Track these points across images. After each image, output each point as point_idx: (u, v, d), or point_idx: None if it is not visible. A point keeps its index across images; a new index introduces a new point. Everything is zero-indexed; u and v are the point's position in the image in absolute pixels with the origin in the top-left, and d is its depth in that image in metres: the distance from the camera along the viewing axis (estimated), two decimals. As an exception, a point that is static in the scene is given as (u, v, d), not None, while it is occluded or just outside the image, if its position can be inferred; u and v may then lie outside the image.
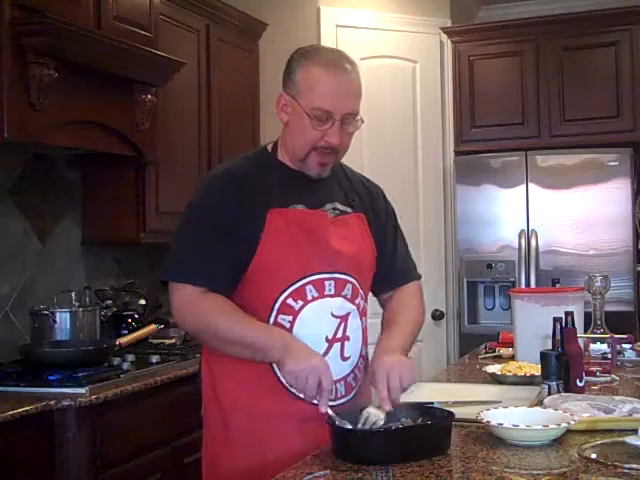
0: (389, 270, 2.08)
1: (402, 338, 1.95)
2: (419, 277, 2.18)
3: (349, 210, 1.99)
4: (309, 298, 1.86)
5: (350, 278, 1.93)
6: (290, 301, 1.85)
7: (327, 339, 1.88)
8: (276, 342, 1.79)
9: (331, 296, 1.89)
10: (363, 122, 1.91)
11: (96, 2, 3.02)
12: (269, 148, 1.99)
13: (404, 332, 1.98)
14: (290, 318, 1.85)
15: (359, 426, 1.70)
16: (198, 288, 1.82)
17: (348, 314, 1.92)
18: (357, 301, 1.95)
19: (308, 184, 1.92)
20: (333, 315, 1.89)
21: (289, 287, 1.85)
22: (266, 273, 1.84)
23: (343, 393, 1.91)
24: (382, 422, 1.70)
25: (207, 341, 1.89)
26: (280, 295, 1.85)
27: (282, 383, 1.84)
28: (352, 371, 1.93)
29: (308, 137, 1.85)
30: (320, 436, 1.71)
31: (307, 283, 1.86)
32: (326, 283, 1.88)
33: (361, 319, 1.97)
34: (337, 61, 1.87)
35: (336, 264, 1.89)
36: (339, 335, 1.90)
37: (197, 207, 1.90)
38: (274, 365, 1.83)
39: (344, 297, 1.91)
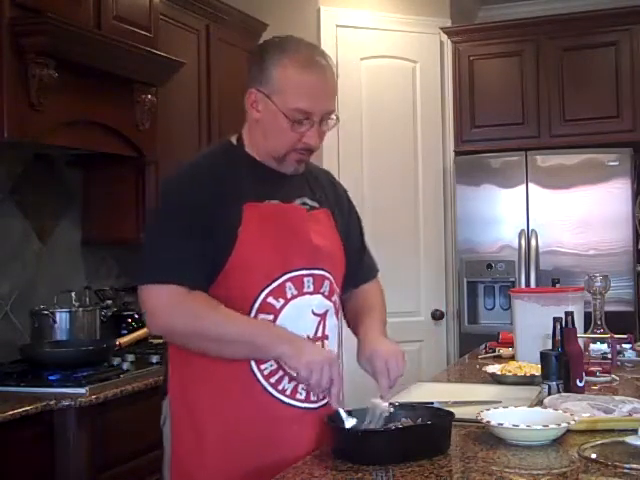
0: (358, 266, 2.04)
1: (383, 325, 1.96)
2: (378, 271, 2.14)
3: (316, 205, 1.92)
4: (289, 296, 1.79)
5: (327, 274, 1.87)
6: (271, 299, 1.77)
7: (308, 338, 1.81)
8: (280, 337, 1.73)
9: (310, 293, 1.82)
10: (339, 120, 1.85)
11: (96, 2, 3.02)
12: (233, 141, 1.90)
13: (383, 320, 1.99)
14: (271, 317, 1.77)
15: (367, 419, 1.70)
16: (181, 287, 1.72)
17: (327, 312, 1.86)
18: (333, 298, 1.90)
19: (279, 179, 1.85)
20: (314, 313, 1.83)
21: (269, 285, 1.77)
22: (245, 270, 1.75)
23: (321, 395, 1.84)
24: (388, 413, 1.71)
25: (196, 343, 1.74)
26: (260, 293, 1.76)
27: (264, 387, 1.76)
28: None
29: (286, 139, 1.79)
30: (308, 441, 1.71)
31: (287, 280, 1.78)
32: (305, 280, 1.81)
33: (337, 317, 1.92)
34: (313, 58, 1.79)
35: (315, 260, 1.84)
36: (319, 334, 1.84)
37: (171, 203, 1.80)
38: (254, 368, 1.75)
39: (322, 294, 1.85)
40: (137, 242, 3.44)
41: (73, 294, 3.19)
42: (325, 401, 1.82)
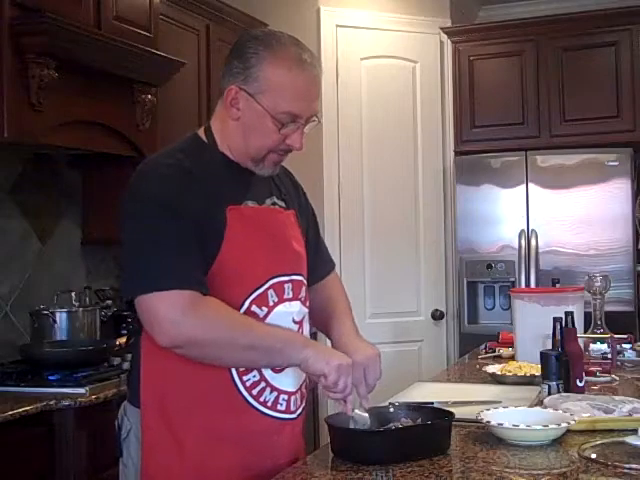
0: (319, 261, 1.98)
1: (350, 321, 1.92)
2: (334, 264, 2.09)
3: (284, 205, 1.84)
4: (271, 304, 1.71)
5: (304, 279, 1.82)
6: (254, 308, 1.69)
7: None
8: (299, 341, 1.68)
9: (290, 300, 1.76)
10: (320, 122, 1.76)
11: (96, 2, 3.01)
12: (202, 137, 1.77)
13: (349, 315, 1.94)
14: None
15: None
16: (194, 292, 1.60)
17: (303, 318, 1.81)
18: (307, 303, 1.84)
19: (251, 178, 1.77)
20: (294, 321, 1.77)
21: (253, 292, 1.69)
22: (229, 277, 1.66)
23: (299, 403, 1.80)
24: (369, 422, 1.68)
25: (214, 352, 1.63)
26: (244, 302, 1.68)
27: (245, 398, 1.69)
28: (304, 380, 1.81)
29: (270, 141, 1.70)
30: (289, 451, 1.71)
31: (269, 287, 1.71)
32: (285, 286, 1.75)
33: (309, 322, 1.88)
34: (302, 57, 1.69)
35: (295, 265, 1.79)
36: None
37: (159, 202, 1.63)
38: (235, 378, 1.68)
39: (300, 300, 1.79)
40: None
41: (73, 294, 3.19)
42: (301, 410, 1.80)
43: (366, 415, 1.70)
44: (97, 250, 3.58)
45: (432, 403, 1.99)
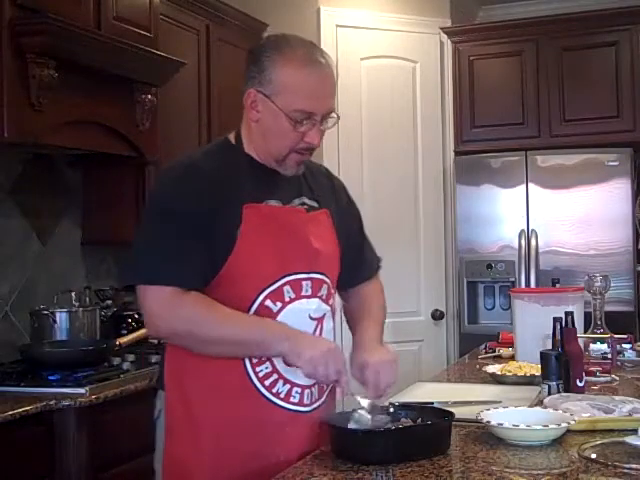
0: (358, 264, 2.04)
1: (378, 329, 1.96)
2: (380, 261, 2.13)
3: (316, 205, 1.90)
4: (287, 299, 1.78)
5: (326, 278, 1.87)
6: (268, 303, 1.76)
7: None
8: (277, 334, 1.72)
9: (308, 297, 1.82)
10: (339, 118, 1.83)
11: (96, 2, 3.02)
12: (231, 140, 1.87)
13: (379, 323, 1.98)
14: None
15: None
16: (176, 288, 1.70)
17: (324, 315, 1.86)
18: (331, 302, 1.90)
19: (278, 178, 1.84)
20: (311, 317, 1.82)
21: (267, 287, 1.76)
22: (243, 272, 1.74)
23: (316, 397, 1.84)
24: (370, 423, 1.69)
25: (192, 344, 1.74)
26: (258, 296, 1.75)
27: (259, 391, 1.76)
28: None
29: (288, 140, 1.77)
30: (299, 444, 1.72)
31: (285, 284, 1.78)
32: (303, 283, 1.81)
33: (333, 320, 1.92)
34: (313, 57, 1.78)
35: (314, 264, 1.83)
36: None
37: (165, 202, 1.77)
38: (248, 368, 1.75)
39: (320, 298, 1.85)
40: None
41: (73, 294, 3.19)
42: (319, 404, 1.83)
43: (368, 416, 1.70)
44: (97, 250, 3.58)
45: (432, 403, 1.99)
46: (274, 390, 1.77)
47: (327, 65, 1.80)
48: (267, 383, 1.76)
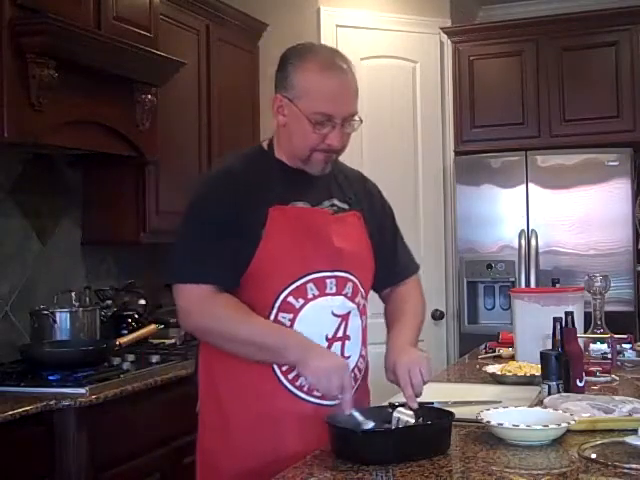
0: (391, 265, 2.11)
1: (411, 332, 2.00)
2: (418, 267, 2.21)
3: (346, 207, 1.99)
4: (310, 296, 1.86)
5: (351, 276, 1.93)
6: (291, 299, 1.85)
7: (327, 338, 1.88)
8: (292, 342, 1.82)
9: (332, 294, 1.89)
10: (362, 122, 1.91)
11: (96, 2, 3.02)
12: (265, 146, 1.99)
13: (412, 326, 2.03)
14: (290, 316, 1.85)
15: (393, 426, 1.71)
16: (208, 287, 1.82)
17: (349, 313, 1.92)
18: (357, 300, 1.95)
19: (307, 181, 1.93)
20: (334, 314, 1.89)
21: (290, 285, 1.85)
22: (267, 270, 1.84)
23: None
24: (413, 420, 1.71)
25: (219, 342, 1.86)
26: (281, 293, 1.84)
27: (282, 384, 1.85)
28: (352, 370, 1.92)
29: (309, 141, 1.86)
30: (320, 437, 1.71)
31: (308, 281, 1.86)
32: (327, 281, 1.88)
33: (361, 318, 1.97)
34: (333, 62, 1.87)
35: (338, 262, 1.90)
36: (340, 334, 1.90)
37: (198, 206, 1.90)
38: (274, 366, 1.84)
39: (345, 296, 1.91)
40: (137, 242, 3.47)
41: (73, 294, 3.19)
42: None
43: (409, 413, 1.72)
44: (97, 250, 3.58)
45: (432, 403, 1.99)
46: (297, 383, 1.85)
47: (348, 70, 1.88)
48: (290, 376, 1.85)
